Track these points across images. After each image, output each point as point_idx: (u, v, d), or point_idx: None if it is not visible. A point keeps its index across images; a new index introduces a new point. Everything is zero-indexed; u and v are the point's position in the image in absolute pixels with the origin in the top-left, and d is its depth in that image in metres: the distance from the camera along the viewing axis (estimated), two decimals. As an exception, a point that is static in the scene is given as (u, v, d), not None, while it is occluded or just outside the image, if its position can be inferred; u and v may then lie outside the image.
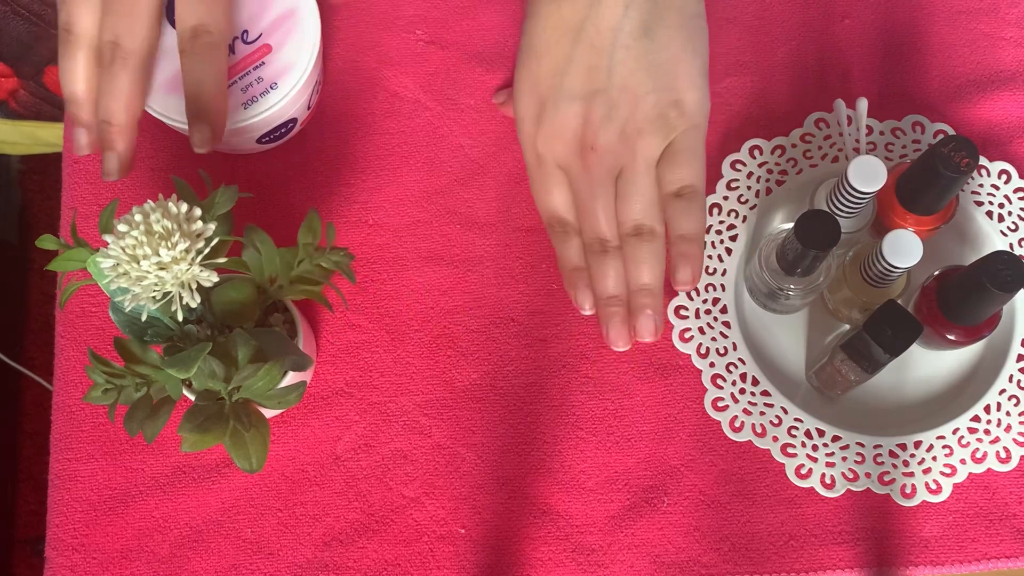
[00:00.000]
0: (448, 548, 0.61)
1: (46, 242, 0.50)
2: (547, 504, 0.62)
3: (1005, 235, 0.64)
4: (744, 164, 0.65)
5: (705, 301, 0.63)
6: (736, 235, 0.64)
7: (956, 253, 0.64)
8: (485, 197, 0.66)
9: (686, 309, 0.63)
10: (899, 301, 0.56)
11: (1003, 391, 0.62)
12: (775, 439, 0.61)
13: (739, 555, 0.61)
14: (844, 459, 0.61)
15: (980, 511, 0.62)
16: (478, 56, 0.69)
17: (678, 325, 0.63)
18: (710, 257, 0.64)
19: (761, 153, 0.65)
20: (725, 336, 0.63)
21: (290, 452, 0.63)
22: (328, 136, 0.67)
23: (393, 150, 0.67)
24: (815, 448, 0.61)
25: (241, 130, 0.61)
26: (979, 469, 0.61)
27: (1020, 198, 0.65)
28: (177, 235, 0.45)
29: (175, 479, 0.62)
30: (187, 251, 0.46)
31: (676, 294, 0.63)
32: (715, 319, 0.63)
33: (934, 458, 0.61)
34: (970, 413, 0.61)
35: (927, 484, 0.61)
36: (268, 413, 0.60)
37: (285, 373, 0.54)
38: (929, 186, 0.57)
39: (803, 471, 0.61)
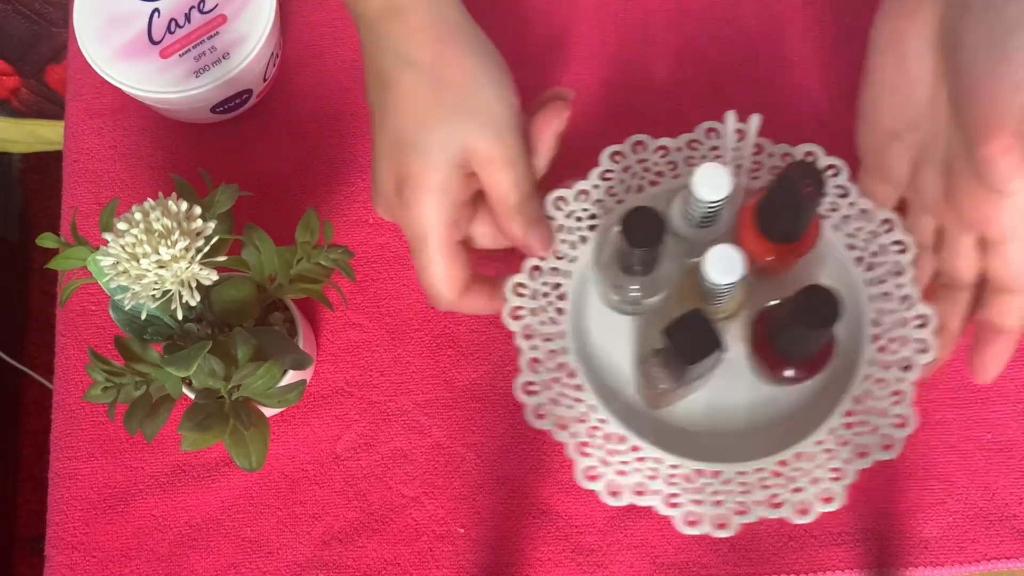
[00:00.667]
0: (447, 547, 0.61)
1: (46, 240, 0.50)
2: (546, 504, 0.62)
3: (859, 262, 0.61)
4: (623, 157, 0.63)
5: (546, 284, 0.60)
6: (595, 225, 0.61)
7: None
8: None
9: (524, 287, 0.60)
10: (735, 321, 0.55)
11: (867, 377, 0.59)
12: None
13: (738, 556, 0.61)
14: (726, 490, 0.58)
15: (980, 512, 0.62)
16: (479, 55, 0.69)
17: (512, 302, 0.60)
18: (563, 242, 0.61)
19: (644, 150, 0.63)
20: (555, 323, 0.60)
21: (290, 451, 0.63)
22: (328, 134, 0.67)
23: (394, 149, 0.67)
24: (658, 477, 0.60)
25: (193, 99, 0.62)
26: (865, 464, 0.58)
27: (887, 230, 0.61)
28: (177, 233, 0.46)
29: (175, 478, 0.62)
30: (187, 249, 0.46)
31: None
32: (550, 303, 0.60)
33: (819, 466, 0.58)
34: (841, 409, 0.58)
35: (818, 495, 0.57)
36: (268, 412, 0.60)
37: (285, 372, 0.54)
38: (780, 212, 0.55)
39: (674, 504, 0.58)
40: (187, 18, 0.63)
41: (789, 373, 0.57)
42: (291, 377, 0.56)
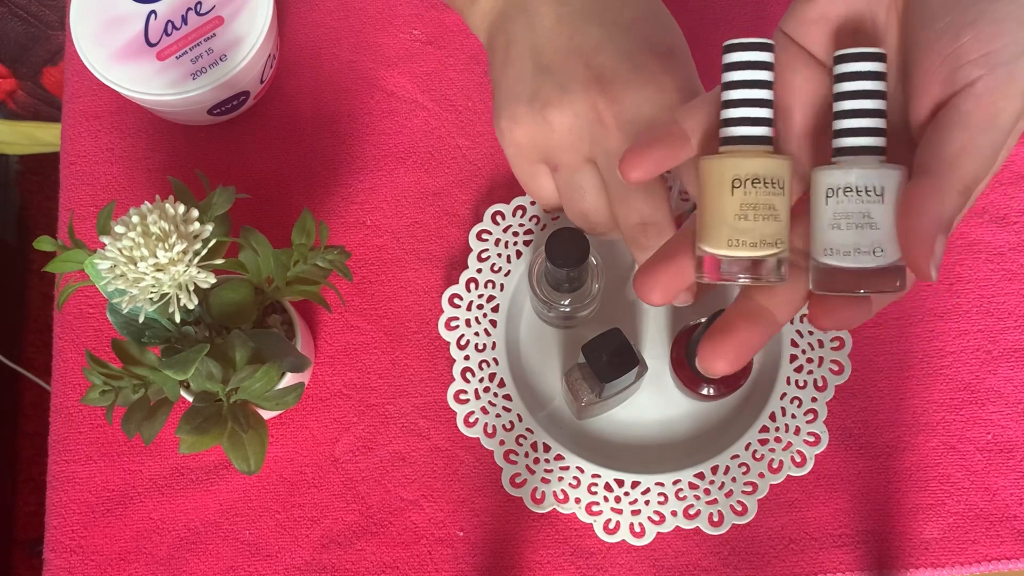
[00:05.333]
0: (446, 551, 0.61)
1: (44, 244, 0.50)
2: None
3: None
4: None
5: (481, 296, 0.63)
6: (531, 240, 0.63)
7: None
8: (483, 199, 0.66)
9: (460, 299, 0.63)
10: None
11: (783, 395, 0.61)
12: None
13: (738, 559, 0.61)
14: (647, 503, 0.60)
15: (980, 513, 0.62)
16: (475, 57, 0.69)
17: (448, 312, 0.63)
18: (499, 256, 0.63)
19: None
20: (488, 334, 0.62)
21: (288, 454, 0.62)
22: (325, 136, 0.67)
23: (391, 150, 0.67)
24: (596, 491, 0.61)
25: (190, 101, 0.62)
26: (778, 479, 0.60)
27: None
28: (174, 236, 0.45)
29: (173, 481, 0.62)
30: (184, 252, 0.46)
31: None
32: (484, 315, 0.63)
33: (733, 479, 0.60)
34: (757, 425, 0.61)
35: (732, 507, 0.60)
36: (266, 414, 0.60)
37: (283, 374, 0.54)
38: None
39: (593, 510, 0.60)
40: (184, 20, 0.62)
41: (707, 390, 0.59)
42: (289, 380, 0.56)
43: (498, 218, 0.64)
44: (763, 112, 0.37)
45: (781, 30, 0.40)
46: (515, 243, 0.64)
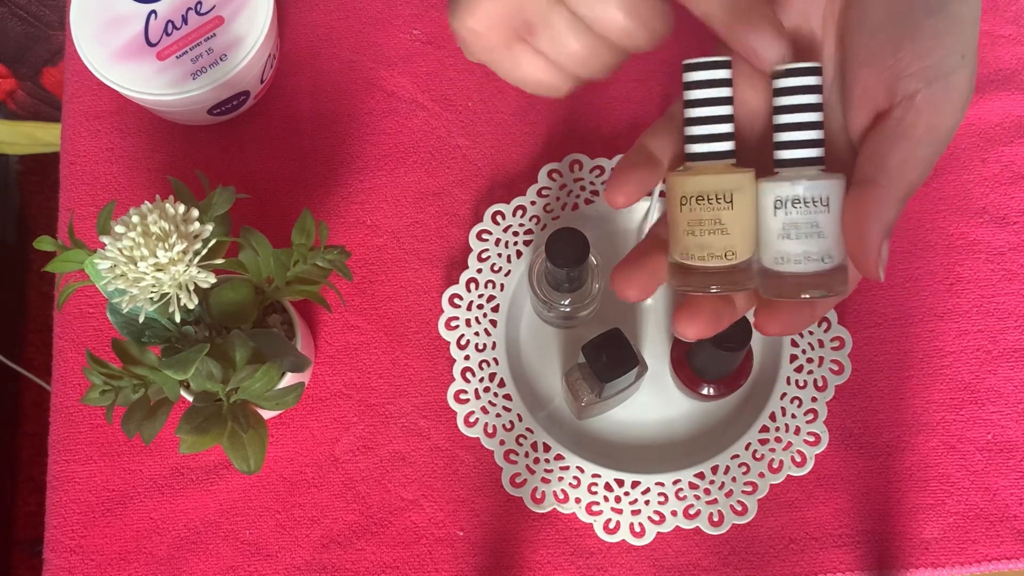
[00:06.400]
0: (446, 550, 0.61)
1: (44, 244, 0.50)
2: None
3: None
4: (560, 175, 0.65)
5: (481, 296, 0.63)
6: (531, 240, 0.64)
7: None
8: (483, 199, 0.66)
9: (460, 299, 0.63)
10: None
11: (784, 395, 0.61)
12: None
13: (739, 559, 0.61)
14: (647, 503, 0.60)
15: (980, 512, 0.62)
16: (477, 56, 0.69)
17: (448, 312, 0.63)
18: (499, 256, 0.64)
19: (580, 169, 0.65)
20: (488, 334, 0.63)
21: (288, 454, 0.62)
22: (325, 136, 0.67)
23: (391, 150, 0.67)
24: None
25: (191, 101, 0.62)
26: (778, 479, 0.61)
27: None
28: (175, 236, 0.45)
29: (173, 480, 0.62)
30: (184, 252, 0.46)
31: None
32: (484, 315, 0.63)
33: (733, 479, 0.60)
34: (757, 425, 0.61)
35: (732, 507, 0.60)
36: (266, 414, 0.60)
37: (283, 374, 0.54)
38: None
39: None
40: (184, 20, 0.62)
41: (706, 390, 0.59)
42: (289, 379, 0.56)
43: (498, 218, 0.64)
44: (721, 128, 0.38)
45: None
46: (515, 243, 0.64)
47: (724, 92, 0.38)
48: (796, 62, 0.38)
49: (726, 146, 0.38)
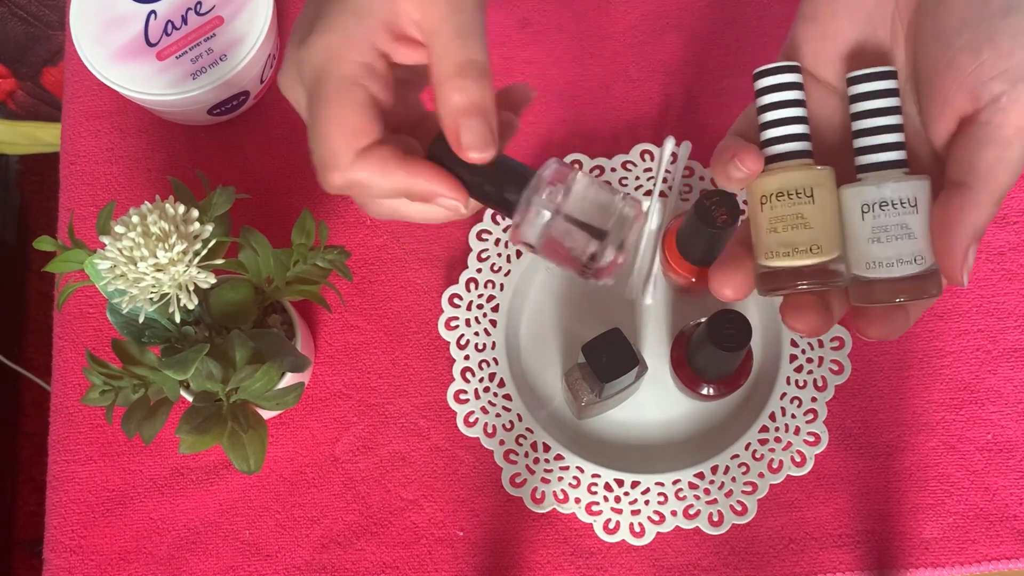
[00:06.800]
0: (446, 551, 0.61)
1: (44, 244, 0.50)
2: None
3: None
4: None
5: (481, 296, 0.63)
6: None
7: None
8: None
9: (460, 299, 0.63)
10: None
11: (784, 395, 0.61)
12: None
13: (739, 559, 0.61)
14: (647, 502, 0.60)
15: (980, 512, 0.61)
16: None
17: (448, 312, 0.63)
18: (499, 256, 0.64)
19: (580, 168, 0.65)
20: (488, 334, 0.63)
21: (288, 454, 0.62)
22: (326, 137, 0.67)
23: (392, 151, 0.67)
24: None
25: (190, 101, 0.62)
26: (778, 479, 0.61)
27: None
28: (174, 236, 0.45)
29: (173, 480, 0.62)
30: (184, 252, 0.46)
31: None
32: (484, 315, 0.63)
33: (733, 479, 0.60)
34: (757, 425, 0.61)
35: (732, 507, 0.60)
36: (266, 414, 0.60)
37: (283, 374, 0.54)
38: (695, 238, 0.56)
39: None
40: (184, 20, 0.62)
41: (706, 390, 0.59)
42: (289, 380, 0.56)
43: (498, 218, 0.64)
44: (797, 128, 0.38)
45: (786, 52, 0.41)
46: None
47: (796, 95, 0.38)
48: (870, 67, 0.38)
49: (803, 145, 0.38)
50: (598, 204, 0.38)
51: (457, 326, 0.63)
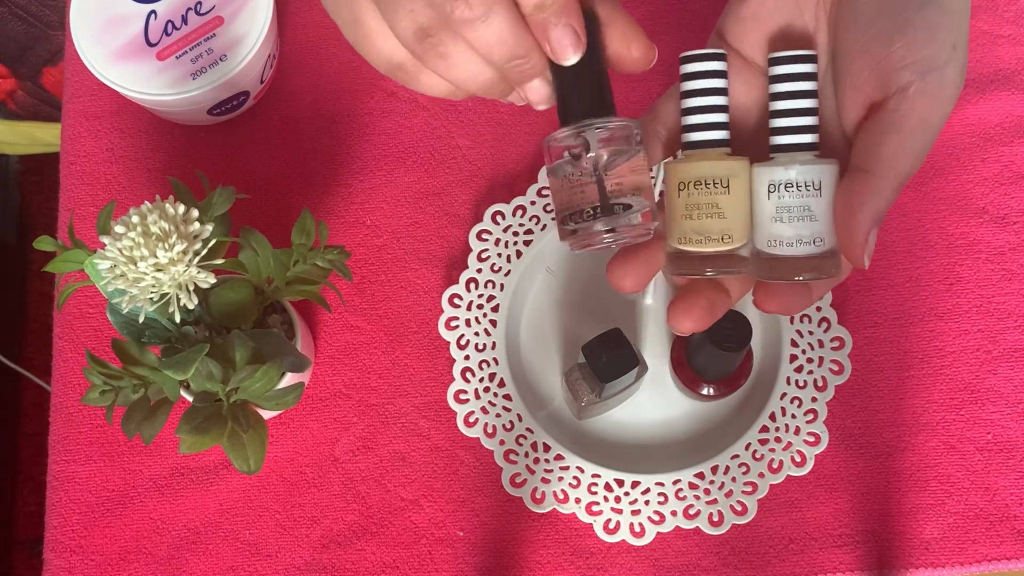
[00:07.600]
0: (446, 551, 0.61)
1: (44, 244, 0.50)
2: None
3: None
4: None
5: (481, 296, 0.63)
6: (531, 240, 0.64)
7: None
8: (483, 199, 0.66)
9: (460, 299, 0.63)
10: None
11: (784, 395, 0.62)
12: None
13: (739, 558, 0.61)
14: (647, 502, 0.60)
15: (980, 513, 0.61)
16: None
17: (448, 312, 0.63)
18: (499, 256, 0.64)
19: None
20: (488, 334, 0.63)
21: (288, 454, 0.62)
22: (325, 136, 0.67)
23: (391, 150, 0.67)
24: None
25: (190, 101, 0.62)
26: (778, 479, 0.61)
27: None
28: (175, 236, 0.45)
29: (173, 480, 0.62)
30: (184, 252, 0.46)
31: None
32: (484, 315, 0.63)
33: (733, 479, 0.60)
34: (757, 425, 0.61)
35: (732, 507, 0.60)
36: (266, 414, 0.60)
37: (283, 374, 0.54)
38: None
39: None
40: (184, 20, 0.62)
41: (706, 390, 0.59)
42: (289, 380, 0.56)
43: (498, 218, 0.64)
44: (717, 117, 0.39)
45: (717, 32, 0.41)
46: (515, 243, 0.64)
47: (720, 83, 0.39)
48: (792, 50, 0.38)
49: (722, 135, 0.39)
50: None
51: (457, 326, 0.63)
